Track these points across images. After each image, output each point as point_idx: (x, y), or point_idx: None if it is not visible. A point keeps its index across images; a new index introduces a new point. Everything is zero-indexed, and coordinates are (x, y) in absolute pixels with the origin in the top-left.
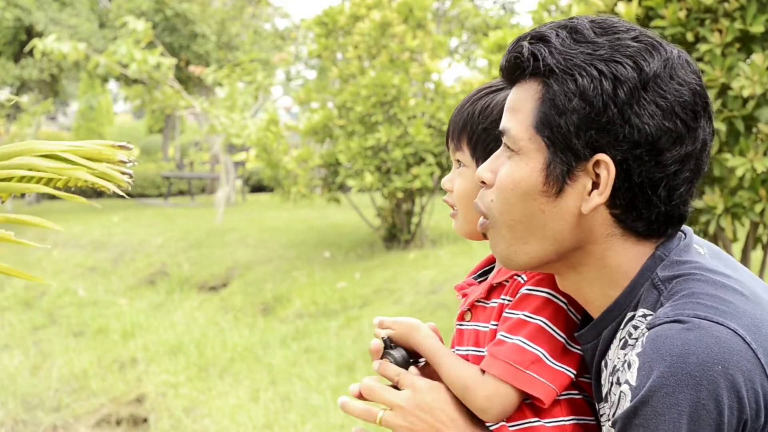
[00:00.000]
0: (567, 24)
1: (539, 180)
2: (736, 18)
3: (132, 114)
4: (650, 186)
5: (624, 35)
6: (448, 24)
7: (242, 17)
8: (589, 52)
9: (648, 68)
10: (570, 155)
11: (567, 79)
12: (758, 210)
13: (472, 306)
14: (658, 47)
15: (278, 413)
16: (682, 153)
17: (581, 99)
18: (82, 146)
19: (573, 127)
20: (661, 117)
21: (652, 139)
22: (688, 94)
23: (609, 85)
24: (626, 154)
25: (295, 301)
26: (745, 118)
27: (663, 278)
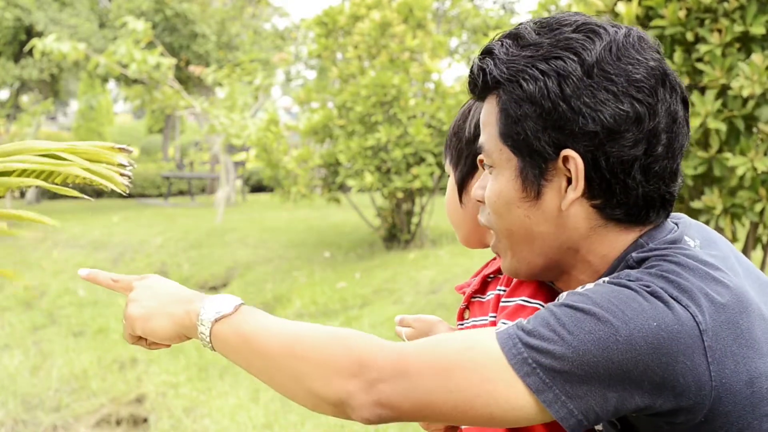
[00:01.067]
0: (512, 32)
1: (517, 187)
2: (735, 18)
3: (132, 114)
4: (622, 170)
5: (566, 29)
6: (448, 24)
7: (242, 17)
8: (530, 54)
9: (590, 57)
10: (537, 158)
11: (513, 86)
12: (758, 210)
13: (469, 302)
14: (600, 32)
15: (278, 413)
16: (646, 130)
17: (531, 103)
18: (80, 146)
19: (531, 132)
20: (614, 101)
21: (609, 125)
22: (640, 71)
23: (553, 83)
24: (588, 144)
25: (295, 301)
26: (745, 118)
27: (637, 259)
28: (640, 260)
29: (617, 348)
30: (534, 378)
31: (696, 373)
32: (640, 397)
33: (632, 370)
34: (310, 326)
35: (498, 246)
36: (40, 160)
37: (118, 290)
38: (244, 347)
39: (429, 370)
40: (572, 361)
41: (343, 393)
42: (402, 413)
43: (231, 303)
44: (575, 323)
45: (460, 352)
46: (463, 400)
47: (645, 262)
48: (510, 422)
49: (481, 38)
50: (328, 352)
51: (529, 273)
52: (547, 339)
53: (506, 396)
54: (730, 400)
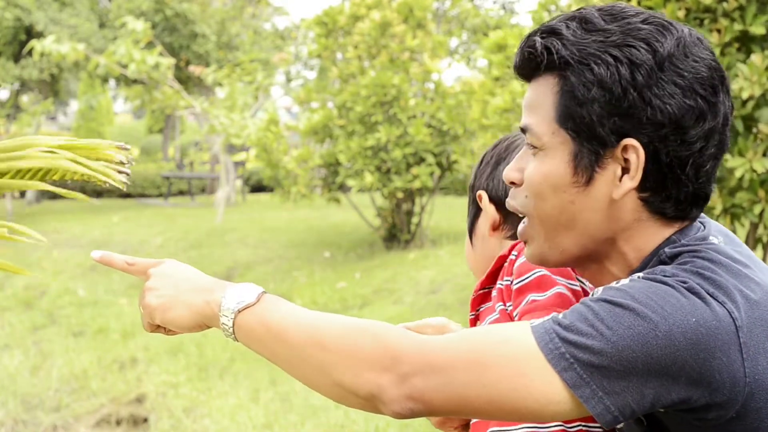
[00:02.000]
0: (576, 15)
1: (568, 171)
2: (735, 18)
3: (132, 114)
4: (678, 165)
5: (634, 19)
6: (448, 24)
7: (242, 17)
8: (602, 40)
9: (662, 49)
10: (597, 144)
11: (583, 69)
12: (757, 211)
13: (478, 313)
14: (669, 27)
15: (278, 413)
16: (706, 129)
17: (600, 87)
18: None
19: (596, 116)
20: (681, 95)
21: (675, 118)
22: (704, 70)
23: (626, 70)
24: (652, 136)
25: (295, 301)
26: (744, 119)
27: (670, 254)
28: (673, 256)
29: (656, 343)
30: (571, 373)
31: (731, 369)
32: (677, 392)
33: (671, 365)
34: (335, 317)
35: (529, 231)
36: (40, 156)
37: (133, 274)
38: (268, 337)
39: (462, 364)
40: (611, 356)
41: (374, 387)
42: (434, 408)
43: (253, 292)
44: (614, 318)
45: (494, 346)
46: (498, 395)
47: (678, 258)
48: (545, 417)
49: (481, 38)
50: (357, 344)
51: (559, 262)
52: (585, 334)
53: (542, 390)
54: (762, 397)
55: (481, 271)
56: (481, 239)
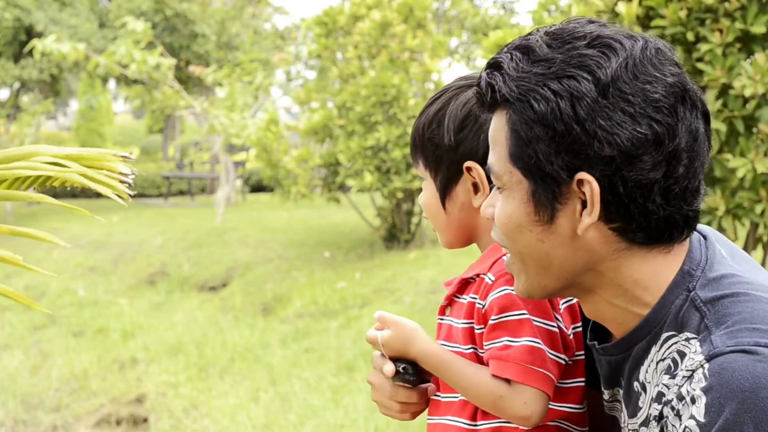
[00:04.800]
0: (522, 43)
1: (529, 211)
2: (736, 18)
3: (132, 114)
4: (641, 194)
5: (579, 42)
6: (448, 24)
7: (242, 17)
8: (542, 72)
9: (605, 75)
10: (550, 181)
11: (524, 106)
12: (759, 211)
13: (449, 300)
14: (615, 47)
15: (278, 413)
16: (666, 152)
17: (542, 125)
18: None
19: (542, 155)
20: (630, 123)
21: (626, 149)
22: (658, 89)
23: (566, 104)
24: (604, 168)
25: (295, 301)
26: (745, 119)
27: (705, 300)
28: (709, 301)
29: None
30: None
31: None
32: None
33: None
34: None
35: (512, 267)
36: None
37: None
38: None
39: None
40: None
41: None
42: None
43: None
44: None
45: None
46: None
47: (717, 305)
48: None
49: (481, 38)
50: None
51: (544, 296)
52: None
53: None
54: None
55: (452, 235)
56: (459, 208)
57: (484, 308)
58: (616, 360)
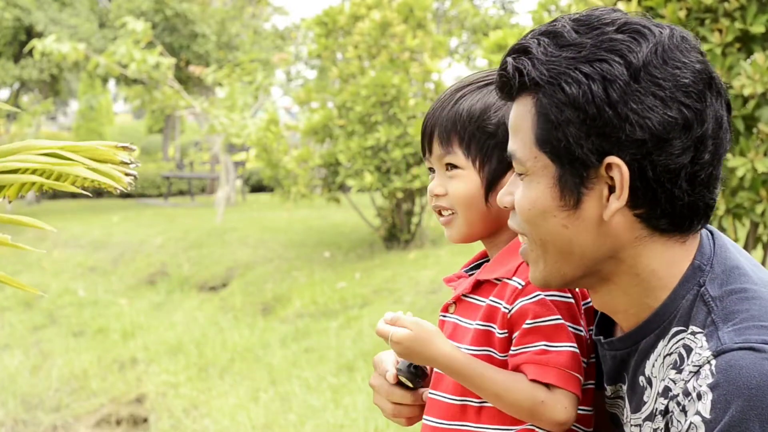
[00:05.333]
0: (549, 29)
1: (554, 196)
2: (736, 18)
3: (132, 114)
4: (668, 179)
5: (608, 28)
6: (448, 24)
7: (242, 17)
8: (572, 56)
9: (636, 59)
10: (578, 165)
11: (555, 89)
12: (759, 211)
13: (457, 299)
14: (645, 33)
15: (278, 413)
16: (695, 137)
17: (573, 108)
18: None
19: (572, 138)
20: (662, 107)
21: (657, 132)
22: (687, 75)
23: (598, 87)
24: (635, 152)
25: (295, 301)
26: (745, 118)
27: (714, 295)
28: (718, 297)
29: None
30: None
31: None
32: None
33: None
34: None
35: (530, 254)
36: (43, 160)
37: None
38: None
39: None
40: None
41: None
42: None
43: None
44: None
45: None
46: None
47: (726, 301)
48: None
49: (481, 38)
50: None
51: (562, 284)
52: None
53: None
54: None
55: (479, 234)
56: None
57: (511, 313)
58: (622, 354)
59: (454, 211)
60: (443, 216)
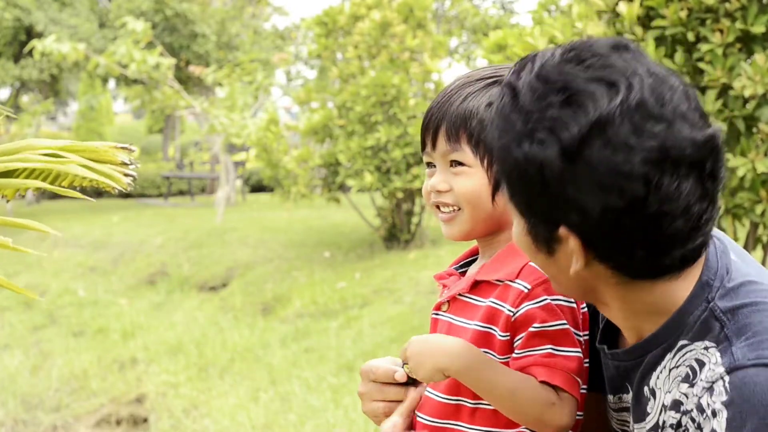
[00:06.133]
0: (513, 83)
1: (530, 242)
2: (737, 18)
3: (132, 114)
4: (622, 249)
5: (553, 98)
6: (448, 24)
7: (242, 17)
8: (519, 129)
9: (572, 140)
10: (539, 224)
11: (503, 161)
12: (759, 211)
13: (452, 298)
14: (586, 106)
15: (278, 413)
16: (643, 217)
17: (519, 180)
18: (82, 145)
19: (523, 205)
20: (600, 193)
21: (597, 217)
22: (632, 159)
23: (535, 171)
24: (581, 226)
25: (295, 301)
26: (745, 119)
27: (725, 309)
28: (728, 311)
29: None
30: None
31: None
32: None
33: None
34: None
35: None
36: (42, 159)
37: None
38: None
39: None
40: None
41: None
42: None
43: None
44: None
45: None
46: None
47: (737, 315)
48: None
49: (481, 38)
50: None
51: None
52: None
53: None
54: None
55: (481, 232)
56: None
57: (515, 316)
58: (626, 366)
59: (456, 208)
60: (444, 212)
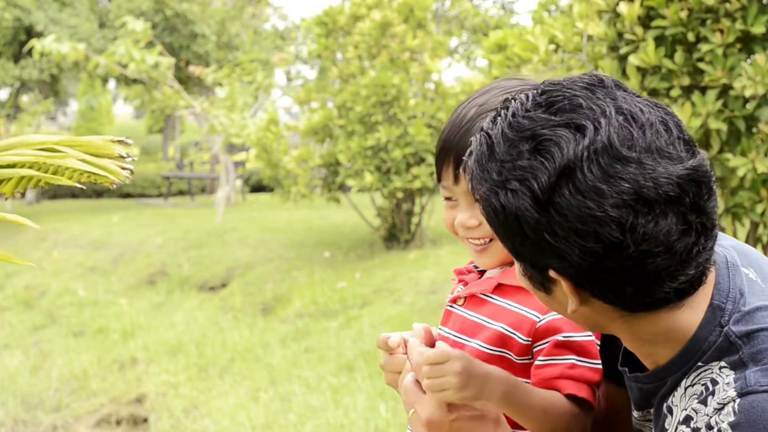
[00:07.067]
0: (488, 132)
1: (527, 281)
2: (737, 18)
3: (132, 114)
4: (611, 288)
5: (523, 147)
6: (448, 24)
7: (242, 17)
8: (494, 178)
9: (542, 189)
10: (530, 268)
11: (484, 208)
12: (759, 210)
13: (470, 295)
14: (552, 154)
15: (278, 413)
16: (629, 255)
17: (501, 228)
18: (79, 140)
19: (512, 250)
20: (576, 238)
21: (578, 260)
22: (604, 204)
23: (512, 220)
24: (567, 270)
25: (295, 301)
26: (746, 119)
27: (740, 334)
28: (744, 335)
29: None
30: None
31: None
32: None
33: None
34: None
35: None
36: (39, 154)
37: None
38: None
39: None
40: None
41: None
42: None
43: None
44: None
45: None
46: None
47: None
48: None
49: (481, 38)
50: None
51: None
52: None
53: None
54: None
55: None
56: None
57: (541, 323)
58: (648, 388)
59: (488, 239)
60: (476, 244)
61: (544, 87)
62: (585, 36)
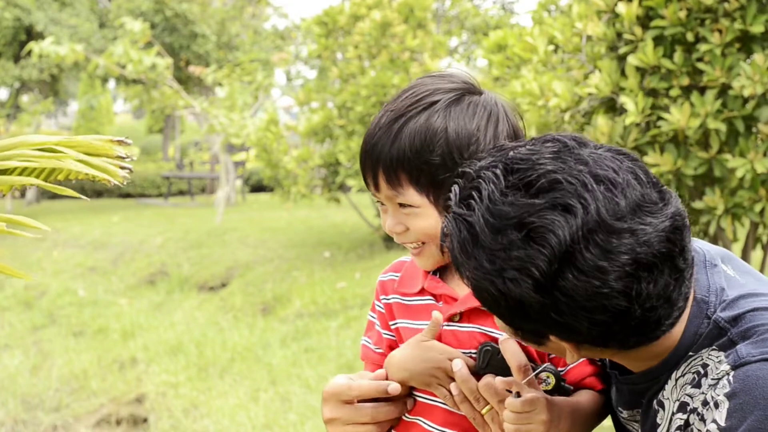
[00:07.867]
0: (467, 218)
1: (518, 338)
2: (736, 18)
3: (132, 114)
4: (618, 340)
5: (512, 235)
6: (448, 24)
7: (242, 17)
8: (487, 267)
9: (542, 275)
10: (526, 334)
11: (477, 292)
12: (758, 210)
13: (470, 310)
14: (546, 239)
15: (278, 413)
16: (635, 317)
17: (497, 308)
18: (78, 139)
19: (509, 324)
20: (584, 313)
21: (588, 332)
22: (607, 280)
23: (516, 306)
24: (572, 338)
25: (295, 301)
26: (745, 118)
27: (727, 318)
28: (732, 319)
29: None
30: None
31: None
32: None
33: None
34: None
35: None
36: (38, 155)
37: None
38: None
39: None
40: None
41: None
42: None
43: None
44: None
45: None
46: None
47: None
48: None
49: (481, 38)
50: None
51: None
52: None
53: None
54: None
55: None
56: None
57: None
58: (639, 388)
59: (421, 243)
60: (411, 248)
61: (512, 164)
62: (584, 36)
